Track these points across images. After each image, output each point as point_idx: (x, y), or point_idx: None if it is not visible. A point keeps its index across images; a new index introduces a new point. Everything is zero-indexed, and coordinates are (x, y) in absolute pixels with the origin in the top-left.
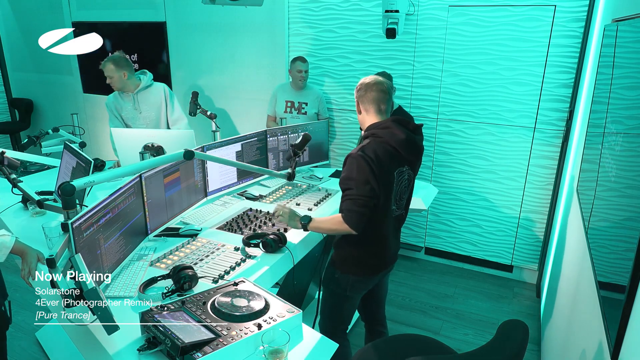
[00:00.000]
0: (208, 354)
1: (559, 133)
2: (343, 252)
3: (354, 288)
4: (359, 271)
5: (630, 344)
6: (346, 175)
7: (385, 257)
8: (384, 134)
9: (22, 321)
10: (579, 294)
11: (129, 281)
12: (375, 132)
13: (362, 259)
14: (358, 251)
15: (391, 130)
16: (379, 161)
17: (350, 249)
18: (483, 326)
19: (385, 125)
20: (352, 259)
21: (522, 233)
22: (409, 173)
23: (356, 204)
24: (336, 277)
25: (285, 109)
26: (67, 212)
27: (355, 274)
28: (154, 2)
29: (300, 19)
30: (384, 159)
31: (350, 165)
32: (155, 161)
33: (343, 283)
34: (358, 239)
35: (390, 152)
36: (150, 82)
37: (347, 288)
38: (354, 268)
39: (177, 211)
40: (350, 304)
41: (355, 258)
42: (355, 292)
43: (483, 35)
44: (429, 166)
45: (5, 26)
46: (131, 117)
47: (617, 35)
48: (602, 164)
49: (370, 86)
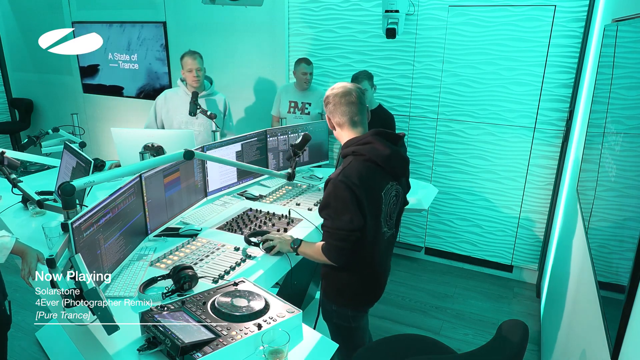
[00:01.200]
0: (208, 354)
1: (559, 133)
2: (334, 283)
3: (356, 318)
4: (356, 304)
5: (630, 344)
6: (324, 202)
7: (381, 285)
8: (365, 151)
9: (22, 321)
10: (579, 294)
11: (129, 281)
12: (356, 149)
13: (356, 290)
14: (350, 281)
15: (373, 146)
16: (364, 185)
17: (341, 280)
18: (483, 326)
19: (366, 141)
20: (346, 291)
21: (522, 233)
22: (396, 189)
23: (333, 238)
24: (334, 309)
25: (289, 109)
26: (67, 212)
27: (354, 308)
28: (154, 2)
29: (300, 19)
30: (369, 181)
31: (328, 191)
32: (155, 161)
33: (343, 316)
34: (348, 269)
35: (374, 170)
36: (214, 91)
37: (349, 320)
38: (349, 301)
39: (177, 211)
40: (359, 332)
41: (349, 289)
42: (358, 321)
43: (483, 35)
44: (429, 166)
45: (5, 26)
46: (185, 120)
47: (617, 35)
48: (602, 164)
49: (338, 99)
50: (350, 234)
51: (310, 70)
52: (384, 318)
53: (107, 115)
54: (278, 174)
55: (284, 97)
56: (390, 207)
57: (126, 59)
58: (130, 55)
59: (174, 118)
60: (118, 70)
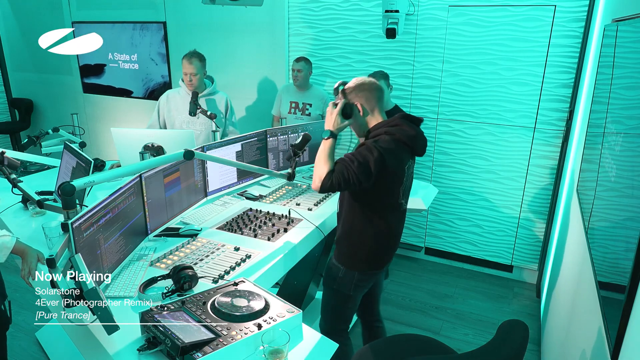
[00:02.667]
0: (208, 354)
1: (559, 133)
2: (351, 249)
3: (357, 287)
4: (367, 266)
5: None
6: (355, 153)
7: (392, 250)
8: (396, 131)
9: (22, 321)
10: (579, 294)
11: (129, 281)
12: (388, 129)
13: (371, 253)
14: (369, 245)
15: (401, 127)
16: (393, 154)
17: (360, 245)
18: (483, 326)
19: (394, 123)
20: (361, 254)
21: (522, 233)
22: (413, 166)
23: (341, 169)
24: (340, 275)
25: (290, 109)
26: (67, 212)
27: (362, 270)
28: (154, 2)
29: (300, 19)
30: (398, 154)
31: (362, 148)
32: (155, 161)
33: (347, 281)
34: (372, 234)
35: (402, 148)
36: (215, 90)
37: (350, 287)
38: (361, 264)
39: (177, 211)
40: (352, 304)
41: (365, 253)
42: (358, 291)
43: (483, 35)
44: (429, 166)
45: (5, 26)
46: (187, 120)
47: (617, 35)
48: (602, 164)
49: (371, 86)
50: (358, 180)
51: (299, 67)
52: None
53: (107, 115)
54: (278, 174)
55: (285, 97)
56: (408, 181)
57: (126, 59)
58: (130, 55)
59: (175, 118)
60: (118, 70)
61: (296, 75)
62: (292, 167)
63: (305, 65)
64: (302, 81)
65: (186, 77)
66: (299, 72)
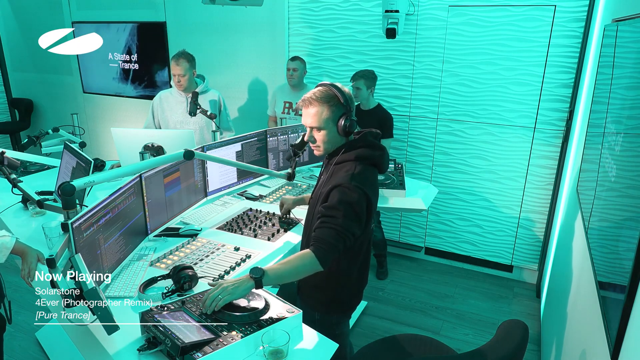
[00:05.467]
0: (208, 354)
1: (559, 133)
2: (330, 292)
3: (339, 324)
4: (342, 311)
5: (630, 344)
6: (336, 201)
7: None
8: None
9: (22, 321)
10: (579, 294)
11: (129, 281)
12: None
13: (345, 298)
14: (349, 286)
15: (370, 150)
16: (372, 190)
17: (339, 286)
18: (483, 326)
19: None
20: (342, 297)
21: (522, 233)
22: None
23: (333, 236)
24: (317, 319)
25: (284, 109)
26: (67, 212)
27: (342, 313)
28: (154, 2)
29: (300, 19)
30: (374, 185)
31: (342, 195)
32: (155, 161)
33: (327, 324)
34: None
35: (374, 173)
36: (207, 88)
37: (334, 328)
38: (336, 309)
39: (177, 211)
40: (344, 337)
41: (346, 294)
42: (344, 327)
43: (483, 35)
44: (429, 166)
45: (5, 26)
46: (181, 120)
47: (617, 35)
48: (602, 164)
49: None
50: (352, 238)
51: (293, 66)
52: (384, 318)
53: (107, 115)
54: (278, 174)
55: (279, 97)
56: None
57: (126, 58)
58: (130, 55)
59: (169, 118)
60: (118, 70)
61: (291, 74)
62: (292, 167)
63: (301, 64)
64: (297, 80)
65: (175, 78)
66: (294, 71)
